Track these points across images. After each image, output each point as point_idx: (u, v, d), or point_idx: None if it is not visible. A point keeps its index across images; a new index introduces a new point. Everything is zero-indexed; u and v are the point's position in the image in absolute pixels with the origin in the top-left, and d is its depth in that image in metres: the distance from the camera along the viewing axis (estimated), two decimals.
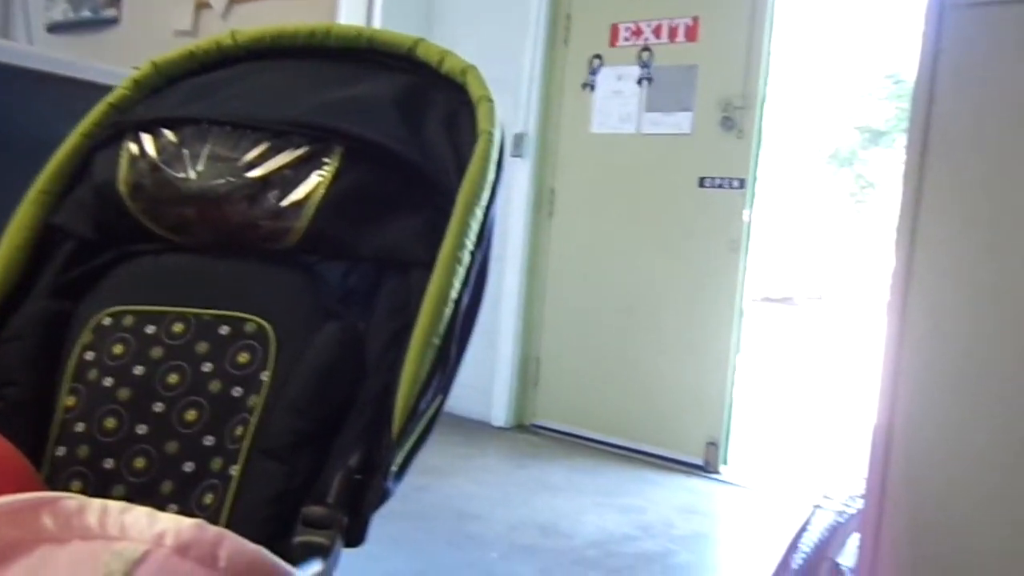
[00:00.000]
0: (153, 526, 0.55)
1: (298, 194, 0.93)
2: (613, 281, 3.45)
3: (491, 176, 0.94)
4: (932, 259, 1.15)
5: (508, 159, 3.93)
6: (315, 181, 0.93)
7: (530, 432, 3.60)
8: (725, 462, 3.20)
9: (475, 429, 3.54)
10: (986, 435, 1.11)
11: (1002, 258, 1.10)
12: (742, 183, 3.13)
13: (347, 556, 0.82)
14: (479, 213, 0.92)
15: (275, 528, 0.81)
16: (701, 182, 3.22)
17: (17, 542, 0.55)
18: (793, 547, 1.62)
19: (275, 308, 0.92)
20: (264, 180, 0.93)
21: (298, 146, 0.94)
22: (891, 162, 11.88)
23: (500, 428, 3.61)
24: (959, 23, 1.12)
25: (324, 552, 0.77)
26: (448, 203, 0.92)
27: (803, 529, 1.65)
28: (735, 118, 3.13)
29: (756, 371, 5.31)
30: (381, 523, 0.85)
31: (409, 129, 0.97)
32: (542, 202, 3.62)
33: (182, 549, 0.53)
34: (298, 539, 0.78)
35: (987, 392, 1.11)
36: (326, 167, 0.94)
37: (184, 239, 0.97)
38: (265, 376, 0.88)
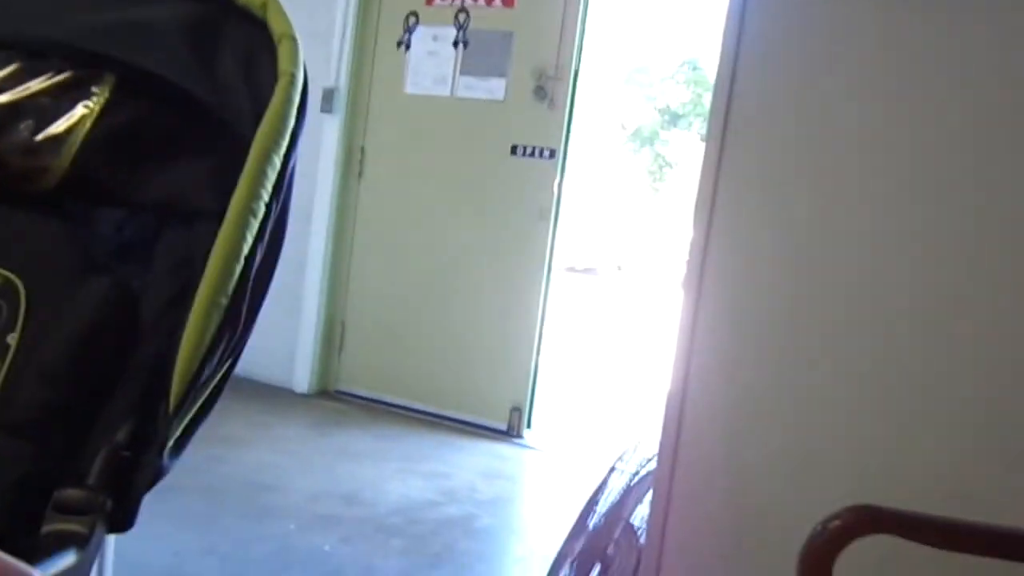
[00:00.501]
0: None
1: (57, 127, 0.80)
2: (422, 245, 3.41)
3: (291, 122, 0.85)
4: (727, 235, 1.20)
5: (316, 113, 3.75)
6: (79, 113, 0.80)
7: (334, 399, 3.50)
8: (529, 427, 3.27)
9: (276, 396, 3.38)
10: (770, 403, 1.18)
11: (794, 236, 1.16)
12: (553, 153, 3.17)
13: (127, 537, 0.73)
14: (277, 161, 0.83)
15: (20, 516, 0.69)
16: (513, 150, 3.23)
17: None
18: (590, 508, 1.67)
19: (27, 260, 0.79)
20: (13, 107, 0.79)
21: (59, 71, 0.81)
22: (688, 143, 12.67)
23: (303, 395, 3.47)
24: (763, 5, 1.16)
25: (80, 541, 0.67)
26: (242, 149, 0.83)
27: (599, 491, 1.70)
28: (548, 88, 3.16)
29: (560, 339, 5.49)
30: (166, 498, 0.76)
31: (198, 62, 0.86)
32: (351, 161, 3.48)
33: None
34: (48, 528, 0.68)
35: (774, 362, 1.18)
36: (94, 97, 0.81)
37: None
38: (11, 339, 0.76)
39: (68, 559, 0.65)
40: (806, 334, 1.16)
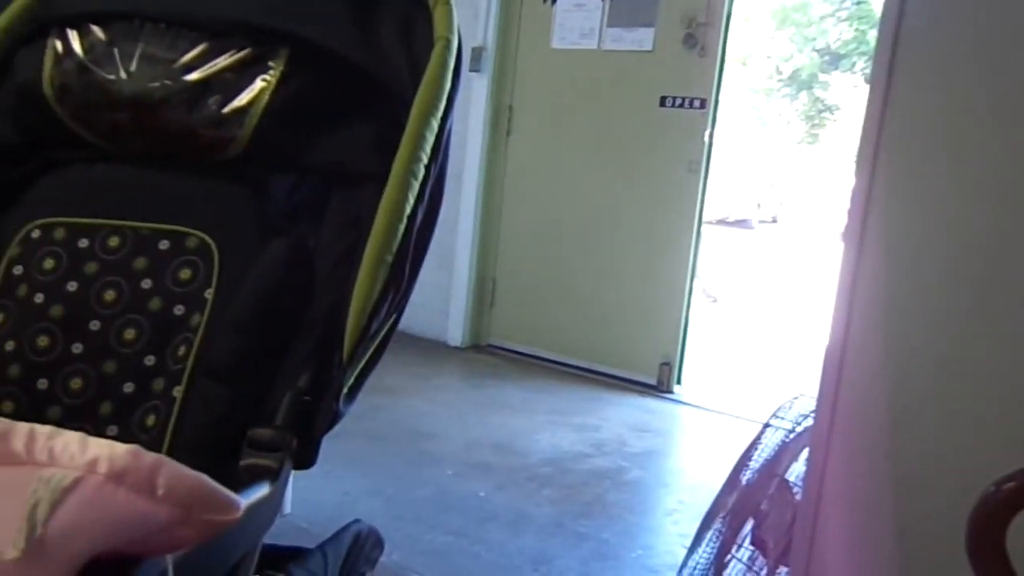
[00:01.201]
0: (85, 452, 0.52)
1: (241, 100, 0.87)
2: (570, 201, 3.42)
3: (448, 85, 0.89)
4: (892, 184, 1.13)
5: (465, 73, 3.80)
6: (259, 86, 0.87)
7: (486, 352, 3.61)
8: (679, 382, 3.25)
9: (431, 349, 3.54)
10: (934, 359, 1.13)
11: (965, 186, 1.09)
12: (703, 103, 3.08)
13: (302, 476, 0.80)
14: (435, 124, 0.87)
15: (220, 452, 0.78)
16: (662, 101, 3.16)
17: None
18: (743, 464, 1.65)
19: (218, 223, 0.87)
20: (204, 84, 0.87)
21: (240, 48, 0.88)
22: (850, 86, 11.88)
23: (456, 348, 3.61)
24: None
25: (272, 475, 0.74)
26: (402, 113, 0.87)
27: (753, 446, 1.68)
28: (698, 36, 3.06)
29: (711, 292, 5.38)
30: (336, 442, 0.82)
31: (361, 32, 0.90)
32: (500, 120, 3.53)
33: (116, 476, 0.50)
34: (245, 462, 0.76)
35: (938, 318, 1.12)
36: (271, 71, 0.88)
37: (118, 147, 0.91)
38: (208, 294, 0.84)
39: (262, 490, 0.72)
40: (973, 289, 1.09)
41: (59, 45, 0.90)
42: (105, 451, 0.51)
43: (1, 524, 0.46)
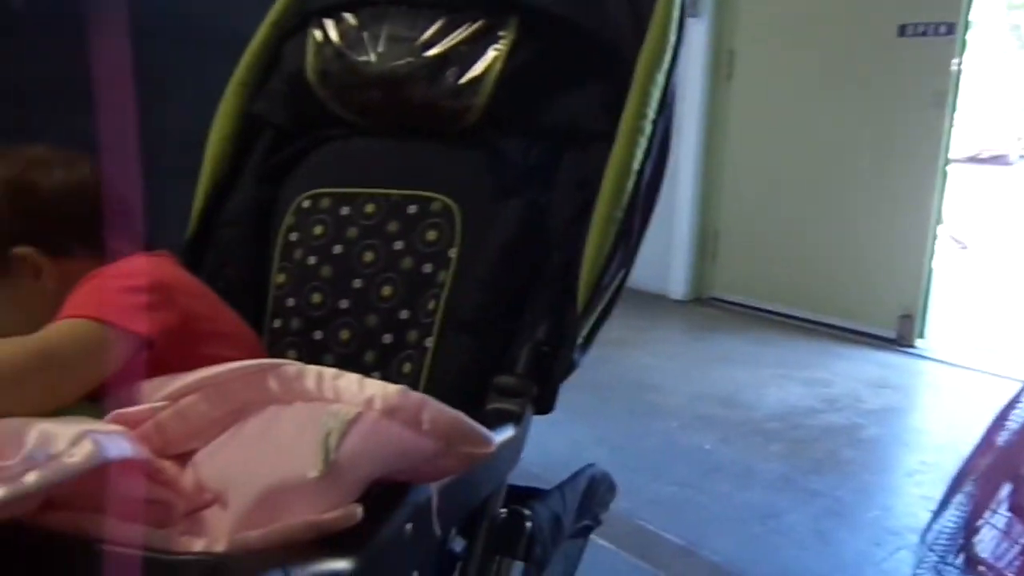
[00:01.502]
0: (363, 391, 0.60)
1: (476, 70, 0.93)
2: (799, 145, 3.24)
3: (672, 39, 0.89)
4: None
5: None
6: (492, 56, 0.93)
7: (708, 305, 3.55)
8: (921, 335, 3.02)
9: (652, 302, 3.54)
10: None
11: None
12: (950, 28, 2.78)
13: (533, 425, 0.86)
14: (660, 79, 0.88)
15: (467, 397, 0.85)
16: (901, 30, 2.89)
17: (251, 401, 0.62)
18: (999, 424, 1.53)
19: (459, 186, 0.94)
20: (442, 58, 0.94)
21: (474, 20, 0.93)
22: None
23: (678, 301, 3.58)
24: None
25: (515, 418, 0.81)
26: (627, 71, 0.89)
27: (1012, 405, 1.54)
28: None
29: (958, 238, 4.90)
30: (564, 393, 0.87)
31: None
32: (720, 64, 3.41)
33: (389, 412, 0.57)
34: (490, 406, 0.83)
35: None
36: (502, 40, 0.93)
37: (370, 123, 1.00)
38: (452, 253, 0.91)
39: (507, 432, 0.79)
40: None
41: (318, 34, 1.01)
42: (379, 390, 0.59)
43: (301, 449, 0.55)
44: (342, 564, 0.53)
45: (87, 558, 0.52)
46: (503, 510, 0.82)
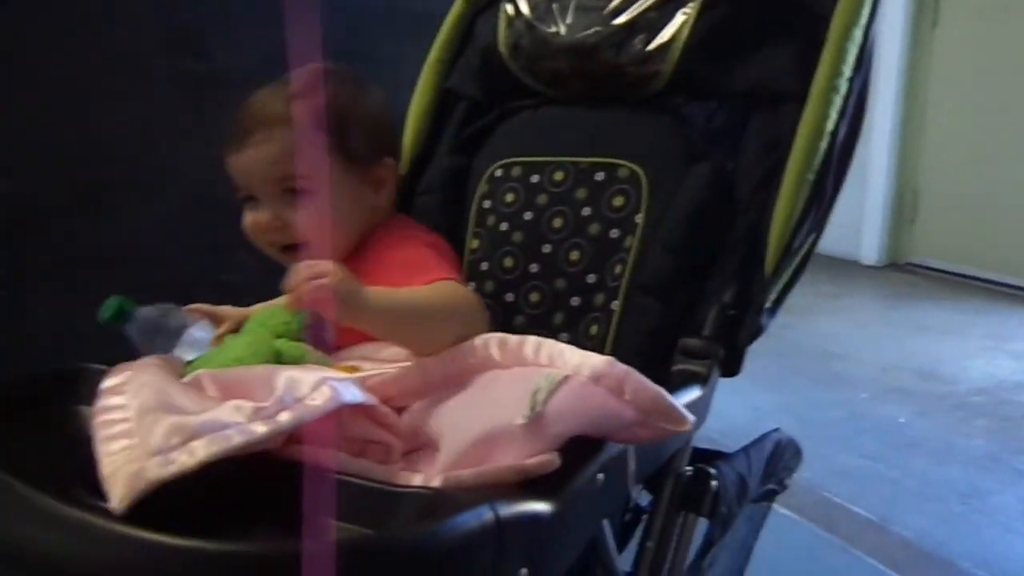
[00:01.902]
0: (573, 358, 0.65)
1: (663, 36, 0.93)
2: (1014, 96, 2.95)
3: None
4: None
5: None
6: (680, 20, 0.93)
7: (905, 271, 3.34)
8: None
9: (842, 268, 3.37)
10: None
11: None
12: None
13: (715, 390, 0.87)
14: (858, 35, 0.85)
15: (654, 358, 0.87)
16: None
17: (475, 367, 0.70)
18: None
19: (645, 152, 0.95)
20: (630, 25, 0.95)
21: None
22: None
23: (870, 266, 3.39)
24: None
25: (702, 380, 0.82)
26: (821, 28, 0.86)
27: None
28: None
29: None
30: (745, 359, 0.88)
31: None
32: (923, 10, 3.15)
33: (596, 378, 0.62)
34: (676, 367, 0.85)
35: None
36: (690, 4, 0.92)
37: (558, 92, 1.03)
38: (639, 218, 0.93)
39: (693, 393, 0.80)
40: None
41: (509, 8, 1.05)
42: (588, 359, 0.64)
43: (512, 402, 0.61)
44: (542, 506, 0.58)
45: (321, 485, 0.60)
46: (688, 468, 0.84)
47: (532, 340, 0.69)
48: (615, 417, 0.62)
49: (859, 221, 3.39)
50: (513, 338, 0.70)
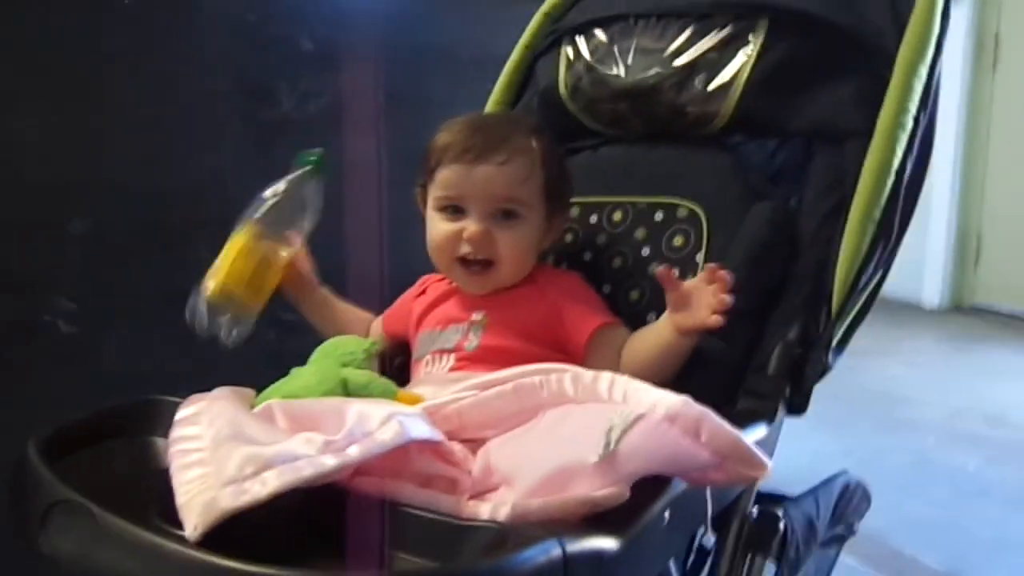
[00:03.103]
0: (648, 396, 0.64)
1: (724, 76, 0.94)
2: None
3: (936, 30, 0.85)
4: None
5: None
6: (741, 61, 0.93)
7: (969, 314, 3.24)
8: None
9: (902, 310, 3.29)
10: None
11: None
12: None
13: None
14: (923, 72, 0.84)
15: (716, 395, 0.86)
16: None
17: (547, 401, 0.69)
18: None
19: (705, 192, 0.95)
20: (691, 66, 0.96)
21: (722, 26, 0.95)
22: None
23: (932, 310, 3.30)
24: None
25: (768, 418, 0.81)
26: (885, 65, 0.86)
27: None
28: None
29: None
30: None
31: None
32: (983, 51, 3.11)
33: (671, 418, 0.60)
34: (741, 406, 0.83)
35: None
36: (751, 44, 0.93)
37: (617, 132, 1.05)
38: (699, 257, 0.93)
39: (759, 431, 0.79)
40: None
41: (570, 51, 1.07)
42: (664, 399, 0.62)
43: (586, 439, 0.60)
44: (609, 542, 0.57)
45: (386, 517, 0.60)
46: (754, 509, 0.82)
47: (606, 376, 0.68)
48: (690, 458, 0.60)
49: (921, 264, 3.32)
50: (587, 373, 0.69)
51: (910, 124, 0.84)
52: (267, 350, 0.99)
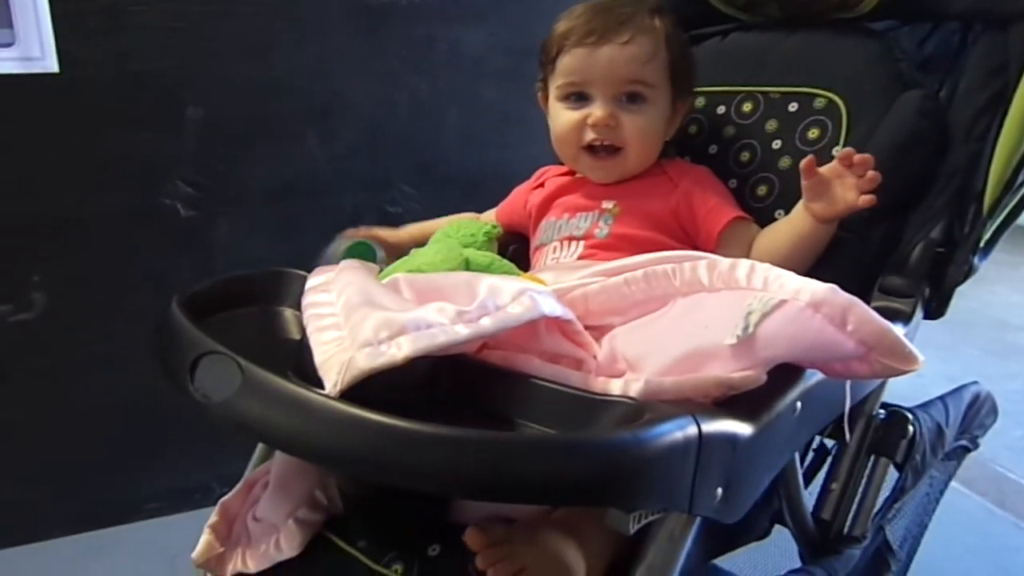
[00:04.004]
0: (792, 283, 0.59)
1: None
2: None
3: None
4: None
5: None
6: None
7: None
8: None
9: (1019, 234, 3.09)
10: None
11: None
12: None
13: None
14: None
15: (850, 294, 0.82)
16: None
17: (679, 290, 0.65)
18: None
19: (847, 80, 0.89)
20: None
21: None
22: None
23: None
24: None
25: (905, 318, 0.77)
26: None
27: None
28: None
29: None
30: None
31: None
32: None
33: (815, 305, 0.56)
34: (875, 304, 0.79)
35: None
36: None
37: (753, 16, 0.98)
38: (836, 151, 0.87)
39: (898, 329, 0.75)
40: None
41: None
42: (808, 285, 0.57)
43: (721, 323, 0.57)
44: (743, 426, 0.55)
45: (517, 388, 0.60)
46: (881, 411, 0.80)
47: (745, 263, 0.63)
48: (833, 348, 0.56)
49: None
50: (724, 260, 0.64)
51: None
52: None
